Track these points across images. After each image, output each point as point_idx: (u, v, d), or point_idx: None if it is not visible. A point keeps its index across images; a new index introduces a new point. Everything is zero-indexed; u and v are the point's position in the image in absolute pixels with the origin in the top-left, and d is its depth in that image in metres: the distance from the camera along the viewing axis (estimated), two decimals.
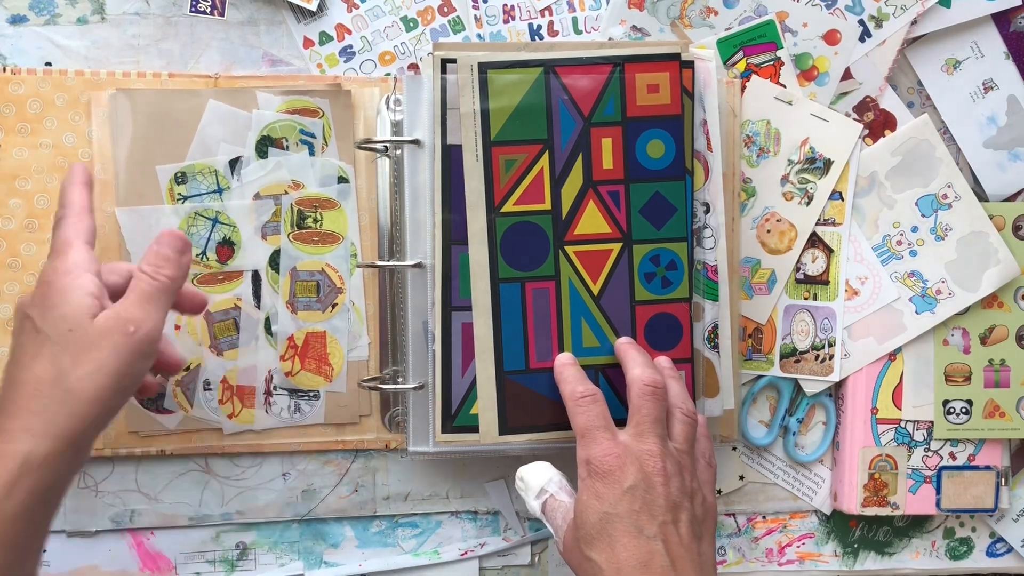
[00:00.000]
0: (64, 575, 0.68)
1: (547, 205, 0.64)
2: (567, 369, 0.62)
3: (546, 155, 0.64)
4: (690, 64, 0.65)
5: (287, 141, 0.67)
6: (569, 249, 0.64)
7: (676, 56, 0.64)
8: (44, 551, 0.55)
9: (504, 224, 0.64)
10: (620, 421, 0.60)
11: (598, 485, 0.55)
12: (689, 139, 0.65)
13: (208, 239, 0.67)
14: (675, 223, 0.65)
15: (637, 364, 0.60)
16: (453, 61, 0.63)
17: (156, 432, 0.67)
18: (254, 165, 0.66)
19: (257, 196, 0.67)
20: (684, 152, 0.64)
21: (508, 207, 0.64)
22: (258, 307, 0.67)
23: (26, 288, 0.65)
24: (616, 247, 0.65)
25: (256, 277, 0.67)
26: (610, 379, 0.65)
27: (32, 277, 0.65)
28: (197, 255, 0.66)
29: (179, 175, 0.66)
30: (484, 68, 0.63)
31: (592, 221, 0.64)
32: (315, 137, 0.67)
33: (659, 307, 0.65)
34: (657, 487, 0.55)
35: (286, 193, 0.67)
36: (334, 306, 0.68)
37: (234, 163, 0.66)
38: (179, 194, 0.66)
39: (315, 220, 0.67)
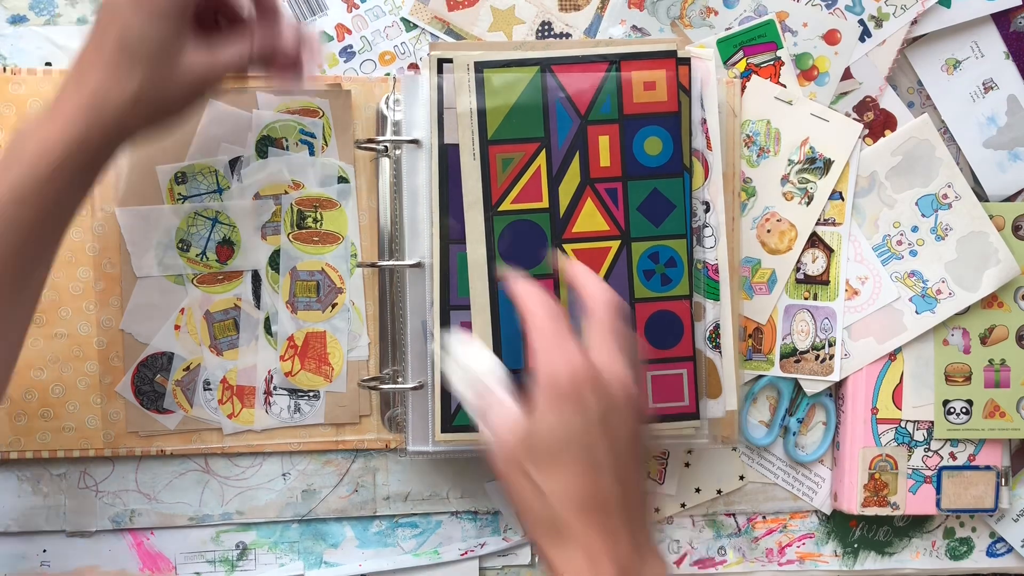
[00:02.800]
0: (64, 575, 0.68)
1: (545, 203, 0.64)
2: (531, 298, 0.54)
3: (543, 153, 0.64)
4: (686, 61, 0.65)
5: (287, 141, 0.67)
6: (567, 247, 0.64)
7: (672, 53, 0.64)
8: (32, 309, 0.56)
9: (502, 223, 0.64)
10: None
11: (560, 407, 0.50)
12: (686, 136, 0.65)
13: (208, 239, 0.67)
14: (674, 220, 0.65)
15: (593, 279, 0.55)
16: (450, 61, 0.63)
17: (156, 432, 0.67)
18: (254, 165, 0.67)
19: (257, 196, 0.67)
20: (682, 149, 0.64)
21: (505, 206, 0.64)
22: (258, 307, 0.67)
23: None
24: (614, 244, 0.65)
25: (256, 277, 0.67)
26: None
27: None
28: (197, 255, 0.67)
29: (179, 175, 0.66)
30: (480, 67, 0.63)
31: (590, 219, 0.64)
32: (315, 137, 0.67)
33: (659, 304, 0.65)
34: (620, 421, 0.51)
35: (286, 193, 0.67)
36: (334, 306, 0.68)
37: (234, 163, 0.67)
38: (179, 194, 0.66)
39: (315, 220, 0.67)
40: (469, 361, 0.55)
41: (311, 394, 0.68)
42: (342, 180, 0.67)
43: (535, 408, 0.51)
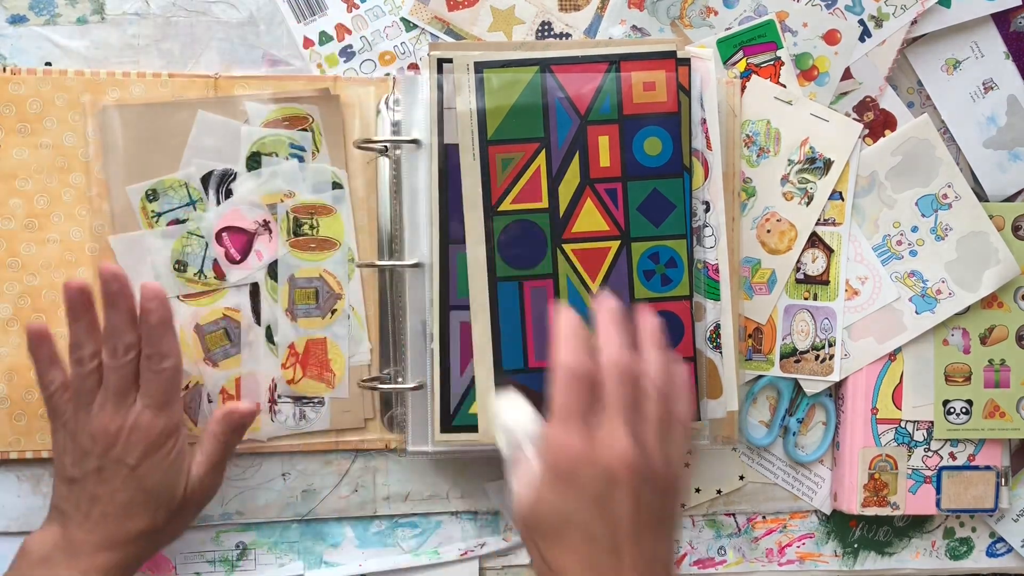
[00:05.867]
0: None
1: (544, 203, 0.64)
2: (567, 335, 0.54)
3: (543, 153, 0.64)
4: (686, 62, 0.65)
5: (277, 156, 0.67)
6: (567, 247, 0.64)
7: (672, 54, 0.64)
8: None
9: (501, 223, 0.64)
10: None
11: (555, 484, 0.51)
12: (686, 136, 0.65)
13: (204, 257, 0.67)
14: (674, 220, 0.65)
15: (609, 342, 0.54)
16: (449, 61, 0.63)
17: None
18: (245, 176, 0.66)
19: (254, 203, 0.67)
20: (682, 149, 0.64)
21: (505, 206, 0.64)
22: (258, 322, 0.67)
23: (26, 288, 0.65)
24: (614, 245, 0.65)
25: (255, 289, 0.67)
26: None
27: (32, 277, 0.65)
28: (195, 274, 0.66)
29: (150, 192, 0.66)
30: (480, 67, 0.63)
31: (590, 219, 0.64)
32: (304, 150, 0.67)
33: (659, 305, 0.65)
34: (621, 496, 0.51)
35: (281, 201, 0.67)
36: (333, 312, 0.68)
37: (207, 177, 0.66)
38: (152, 211, 0.66)
39: (311, 227, 0.67)
40: (509, 416, 0.56)
41: (316, 401, 0.68)
42: (336, 186, 0.67)
43: (540, 480, 0.52)
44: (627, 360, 0.53)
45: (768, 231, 0.71)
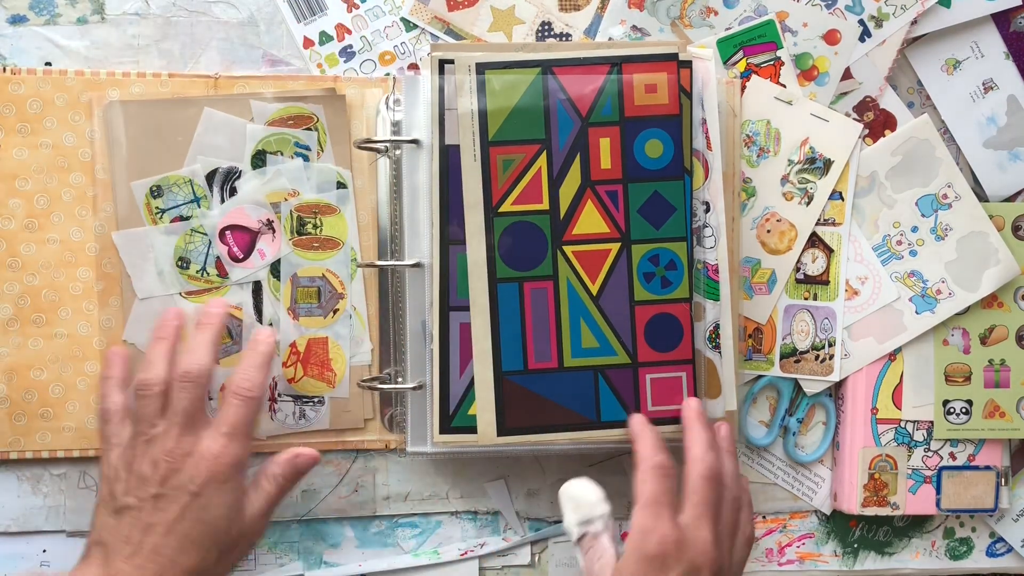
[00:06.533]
0: (64, 575, 0.68)
1: (545, 205, 0.64)
2: (648, 431, 0.61)
3: (544, 155, 0.64)
4: (688, 64, 0.65)
5: (282, 155, 0.67)
6: (567, 249, 0.64)
7: (674, 56, 0.64)
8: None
9: (502, 224, 0.64)
10: (617, 423, 0.64)
11: (645, 567, 0.55)
12: (688, 139, 0.65)
13: (207, 255, 0.67)
14: (674, 223, 0.64)
15: (700, 442, 0.60)
16: (451, 62, 0.63)
17: None
18: (250, 174, 0.66)
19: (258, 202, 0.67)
20: (683, 152, 0.64)
21: (506, 207, 0.64)
22: (260, 320, 0.67)
23: (26, 288, 0.65)
24: (615, 247, 0.64)
25: (257, 288, 0.67)
26: (610, 381, 0.64)
27: (32, 277, 0.65)
28: (197, 271, 0.66)
29: (154, 188, 0.66)
30: (481, 69, 0.63)
31: (590, 221, 0.64)
32: (309, 149, 0.67)
33: (659, 307, 0.65)
34: None
35: (285, 200, 0.67)
36: (335, 312, 0.68)
37: (212, 175, 0.66)
38: (156, 207, 0.66)
39: (315, 226, 0.67)
40: (581, 498, 0.60)
41: (316, 400, 0.68)
42: (341, 186, 0.67)
43: (625, 562, 0.56)
44: (715, 463, 0.59)
45: (768, 231, 0.71)
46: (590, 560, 0.58)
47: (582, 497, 0.60)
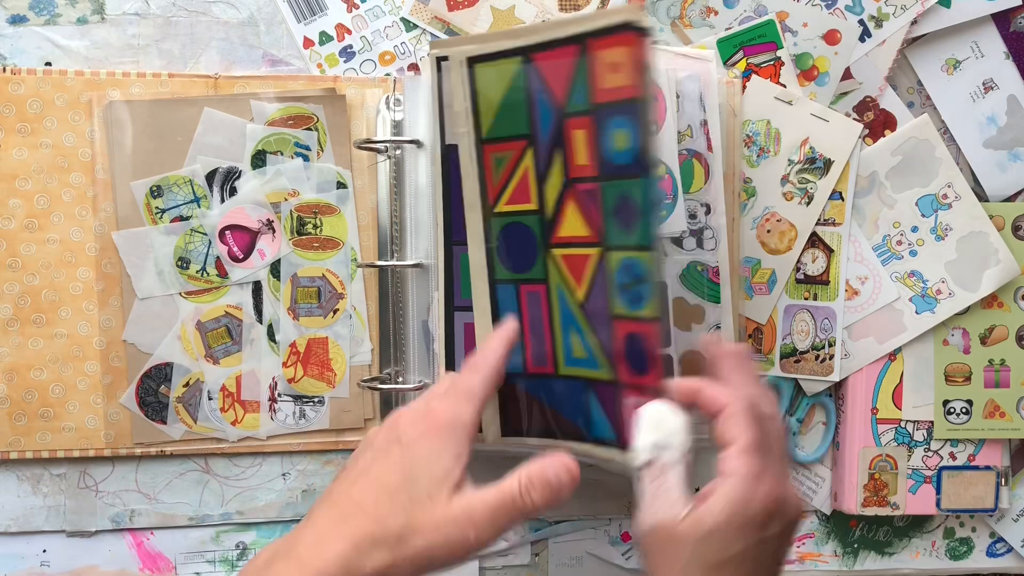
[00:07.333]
0: (64, 575, 0.68)
1: (534, 205, 0.58)
2: (747, 362, 0.56)
3: (530, 151, 0.58)
4: (644, 31, 0.51)
5: (282, 155, 0.67)
6: (556, 252, 0.58)
7: (629, 25, 0.51)
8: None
9: (499, 224, 0.61)
10: (608, 441, 0.56)
11: (748, 529, 0.49)
12: (647, 126, 0.52)
13: (207, 255, 0.67)
14: (642, 229, 0.53)
15: (753, 382, 0.54)
16: (447, 59, 0.61)
17: (160, 442, 0.67)
18: (250, 174, 0.66)
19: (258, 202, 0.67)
20: (646, 142, 0.52)
21: (501, 207, 0.60)
22: (259, 320, 0.67)
23: (26, 288, 0.65)
24: (595, 253, 0.56)
25: (257, 287, 0.67)
26: (600, 396, 0.57)
27: (32, 277, 0.65)
28: (197, 271, 0.66)
29: (154, 188, 0.66)
30: (472, 63, 0.59)
31: (573, 223, 0.57)
32: (309, 149, 0.67)
33: (631, 325, 0.54)
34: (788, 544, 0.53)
35: (285, 200, 0.67)
36: (335, 312, 0.68)
37: (212, 175, 0.66)
38: (156, 207, 0.66)
39: (315, 226, 0.67)
40: (661, 422, 0.52)
41: (316, 400, 0.68)
42: (341, 186, 0.67)
43: (717, 514, 0.49)
44: (776, 408, 0.55)
45: (768, 231, 0.71)
46: (652, 494, 0.51)
47: (664, 419, 0.52)
